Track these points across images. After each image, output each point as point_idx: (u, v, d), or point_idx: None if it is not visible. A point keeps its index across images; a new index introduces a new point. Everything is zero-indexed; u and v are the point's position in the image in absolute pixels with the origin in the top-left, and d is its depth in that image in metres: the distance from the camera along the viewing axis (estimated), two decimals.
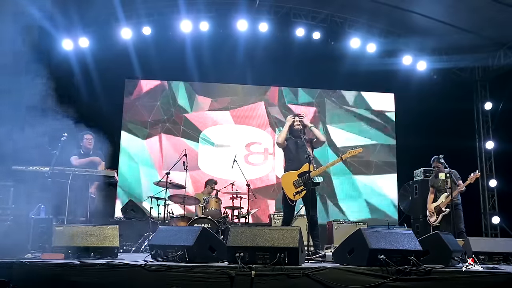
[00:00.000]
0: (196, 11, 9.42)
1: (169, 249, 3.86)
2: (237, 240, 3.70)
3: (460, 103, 9.93)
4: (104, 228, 4.27)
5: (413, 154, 9.58)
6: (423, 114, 9.74)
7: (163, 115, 10.04)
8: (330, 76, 9.97)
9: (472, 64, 10.44)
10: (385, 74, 9.95)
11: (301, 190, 5.00)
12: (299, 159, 5.11)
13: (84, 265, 3.52)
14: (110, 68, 9.32)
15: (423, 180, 8.43)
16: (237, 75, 10.01)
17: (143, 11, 9.37)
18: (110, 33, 9.37)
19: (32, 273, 3.42)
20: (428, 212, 7.14)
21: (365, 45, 9.89)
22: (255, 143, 10.16)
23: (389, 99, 10.64)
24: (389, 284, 3.36)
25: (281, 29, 9.81)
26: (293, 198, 5.04)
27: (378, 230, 3.84)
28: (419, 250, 3.76)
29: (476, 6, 8.38)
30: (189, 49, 9.44)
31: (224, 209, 7.37)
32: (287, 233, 3.67)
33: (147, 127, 9.97)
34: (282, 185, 5.13)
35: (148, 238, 6.51)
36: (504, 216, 9.80)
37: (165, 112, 10.06)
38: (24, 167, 5.55)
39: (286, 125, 5.37)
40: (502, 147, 10.01)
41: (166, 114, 10.06)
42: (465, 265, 3.85)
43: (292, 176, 5.08)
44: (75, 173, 5.47)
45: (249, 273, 3.32)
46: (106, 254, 4.13)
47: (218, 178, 9.55)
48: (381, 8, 9.05)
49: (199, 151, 9.99)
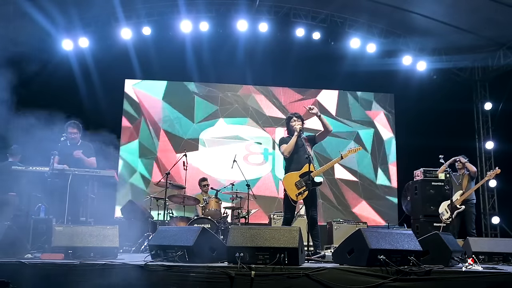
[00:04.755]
0: (196, 11, 9.42)
1: (169, 249, 3.86)
2: (237, 240, 3.70)
3: (460, 103, 9.94)
4: (104, 228, 4.27)
5: (413, 154, 9.59)
6: (423, 114, 9.74)
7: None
8: (330, 76, 9.96)
9: (472, 64, 10.44)
10: (385, 74, 9.95)
11: (303, 190, 4.99)
12: (300, 160, 5.10)
13: (84, 265, 3.52)
14: (110, 68, 9.32)
15: (423, 180, 8.43)
16: (237, 75, 10.01)
17: (143, 11, 9.37)
18: (110, 33, 9.37)
19: (32, 273, 3.42)
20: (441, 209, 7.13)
21: (365, 45, 9.89)
22: (255, 143, 10.15)
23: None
24: (389, 284, 3.36)
25: (281, 29, 9.81)
26: (295, 199, 5.03)
27: (378, 230, 3.84)
28: (419, 250, 3.76)
29: (476, 7, 8.38)
30: (189, 49, 9.44)
31: (224, 209, 7.38)
32: (287, 233, 3.67)
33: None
34: (284, 186, 5.11)
35: (148, 238, 6.50)
36: (503, 216, 9.80)
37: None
38: (24, 167, 5.56)
39: (293, 137, 5.16)
40: (502, 147, 10.01)
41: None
42: (465, 265, 3.85)
43: (294, 177, 5.07)
44: (74, 173, 5.47)
45: (249, 273, 3.32)
46: (106, 254, 4.13)
47: (218, 178, 9.62)
48: (381, 8, 9.05)
49: (199, 151, 9.99)
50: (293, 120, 5.30)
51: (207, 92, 10.25)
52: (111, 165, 6.48)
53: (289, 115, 5.40)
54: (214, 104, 10.20)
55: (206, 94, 10.24)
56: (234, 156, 7.52)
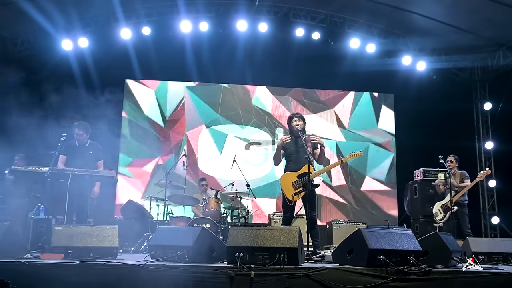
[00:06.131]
0: (196, 11, 9.41)
1: (168, 249, 3.86)
2: (237, 240, 3.71)
3: (460, 103, 9.92)
4: (103, 228, 4.28)
5: (412, 154, 9.58)
6: (422, 114, 9.74)
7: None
8: (330, 77, 9.96)
9: (472, 65, 10.44)
10: (385, 74, 9.94)
11: (300, 191, 4.99)
12: (299, 160, 5.10)
13: (83, 265, 3.52)
14: (110, 68, 9.32)
15: (423, 180, 8.44)
16: (237, 75, 10.00)
17: (143, 11, 9.36)
18: (109, 33, 9.36)
19: (31, 274, 3.42)
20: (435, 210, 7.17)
21: (365, 45, 9.89)
22: (255, 143, 10.15)
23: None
24: (389, 284, 3.36)
25: (281, 30, 9.81)
26: (291, 199, 5.03)
27: (378, 230, 3.84)
28: (418, 250, 3.77)
29: (476, 7, 8.38)
30: (188, 49, 9.43)
31: (223, 209, 7.38)
32: (286, 233, 3.68)
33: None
34: (281, 185, 5.12)
35: (147, 238, 6.50)
36: (503, 216, 9.80)
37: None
38: (23, 167, 5.55)
39: (278, 147, 5.28)
40: (501, 148, 10.00)
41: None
42: (465, 265, 3.85)
43: (291, 177, 5.07)
44: (74, 173, 5.46)
45: (248, 273, 3.32)
46: (106, 254, 4.13)
47: (218, 178, 9.62)
48: (380, 8, 9.05)
49: (199, 151, 9.99)
50: (294, 120, 5.31)
51: (206, 92, 10.25)
52: (110, 165, 6.49)
53: (291, 115, 5.40)
54: (214, 104, 10.20)
55: (206, 94, 10.23)
56: (234, 156, 7.53)
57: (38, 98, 8.50)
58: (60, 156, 5.74)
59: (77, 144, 5.98)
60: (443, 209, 7.04)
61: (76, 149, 5.93)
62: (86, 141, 6.04)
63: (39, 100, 8.47)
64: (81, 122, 6.06)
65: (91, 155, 6.00)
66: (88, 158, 5.93)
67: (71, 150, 5.86)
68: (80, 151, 5.93)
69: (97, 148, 6.13)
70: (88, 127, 6.04)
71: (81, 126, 5.97)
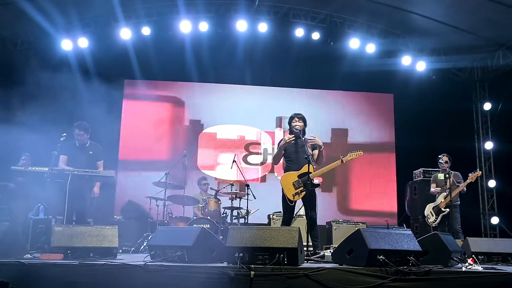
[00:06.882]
0: (196, 12, 9.41)
1: (168, 250, 3.86)
2: (236, 241, 3.70)
3: (459, 103, 9.93)
4: (103, 228, 4.28)
5: (412, 154, 9.58)
6: (422, 114, 9.73)
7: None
8: (330, 77, 9.95)
9: (471, 65, 10.44)
10: (385, 74, 9.93)
11: (300, 191, 5.00)
12: (299, 160, 5.11)
13: (83, 266, 3.52)
14: (110, 68, 9.31)
15: (423, 180, 8.44)
16: (237, 76, 9.99)
17: (143, 11, 9.35)
18: (109, 33, 9.35)
19: (31, 274, 3.42)
20: (427, 212, 7.17)
21: (365, 45, 9.88)
22: (254, 143, 10.16)
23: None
24: (388, 284, 3.36)
25: (280, 30, 9.80)
26: (292, 199, 5.04)
27: (377, 231, 3.84)
28: (418, 251, 3.77)
29: (475, 7, 8.38)
30: (188, 49, 9.42)
31: (223, 209, 7.38)
32: (286, 233, 3.67)
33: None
34: (282, 185, 5.12)
35: (147, 239, 6.51)
36: (503, 216, 9.80)
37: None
38: (23, 167, 5.56)
39: (280, 147, 5.28)
40: (501, 148, 10.00)
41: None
42: (465, 265, 3.85)
43: (292, 176, 5.08)
44: (74, 173, 5.46)
45: (248, 274, 3.32)
46: (105, 254, 4.13)
47: (218, 178, 9.61)
48: (380, 9, 9.05)
49: (199, 151, 9.99)
50: (294, 120, 5.31)
51: (205, 92, 10.24)
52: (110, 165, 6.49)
53: (292, 115, 5.40)
54: (214, 104, 10.20)
55: (206, 94, 10.23)
56: (234, 156, 7.52)
57: (38, 97, 8.49)
58: (61, 156, 5.74)
59: (77, 145, 5.97)
60: (435, 212, 7.05)
61: (76, 149, 5.92)
62: (86, 141, 6.03)
63: (38, 100, 8.47)
64: (81, 122, 6.05)
65: (91, 155, 5.99)
66: (88, 158, 5.92)
67: (71, 150, 5.85)
68: (80, 151, 5.92)
69: (97, 149, 6.12)
70: (88, 127, 6.03)
71: (81, 126, 5.96)
